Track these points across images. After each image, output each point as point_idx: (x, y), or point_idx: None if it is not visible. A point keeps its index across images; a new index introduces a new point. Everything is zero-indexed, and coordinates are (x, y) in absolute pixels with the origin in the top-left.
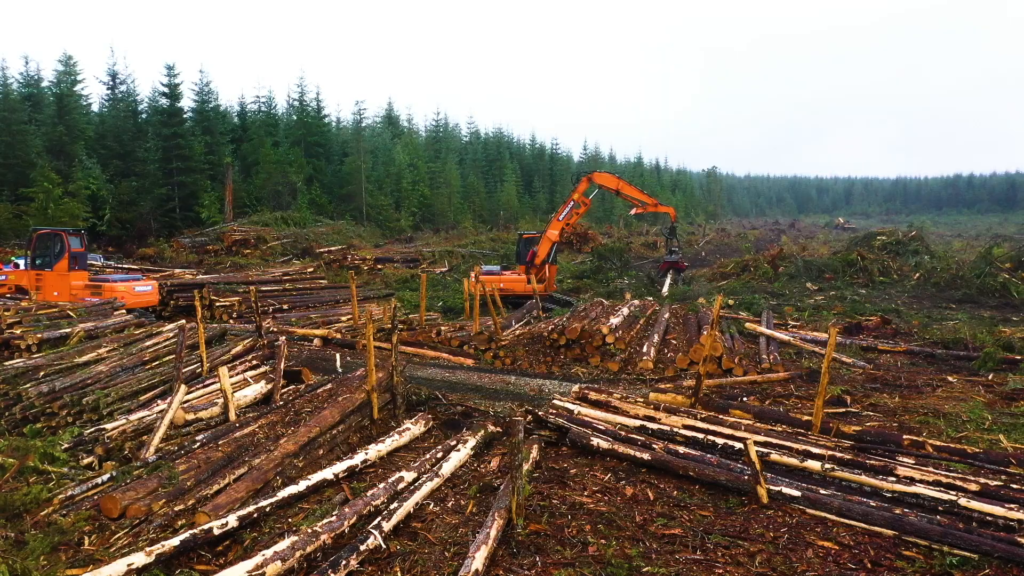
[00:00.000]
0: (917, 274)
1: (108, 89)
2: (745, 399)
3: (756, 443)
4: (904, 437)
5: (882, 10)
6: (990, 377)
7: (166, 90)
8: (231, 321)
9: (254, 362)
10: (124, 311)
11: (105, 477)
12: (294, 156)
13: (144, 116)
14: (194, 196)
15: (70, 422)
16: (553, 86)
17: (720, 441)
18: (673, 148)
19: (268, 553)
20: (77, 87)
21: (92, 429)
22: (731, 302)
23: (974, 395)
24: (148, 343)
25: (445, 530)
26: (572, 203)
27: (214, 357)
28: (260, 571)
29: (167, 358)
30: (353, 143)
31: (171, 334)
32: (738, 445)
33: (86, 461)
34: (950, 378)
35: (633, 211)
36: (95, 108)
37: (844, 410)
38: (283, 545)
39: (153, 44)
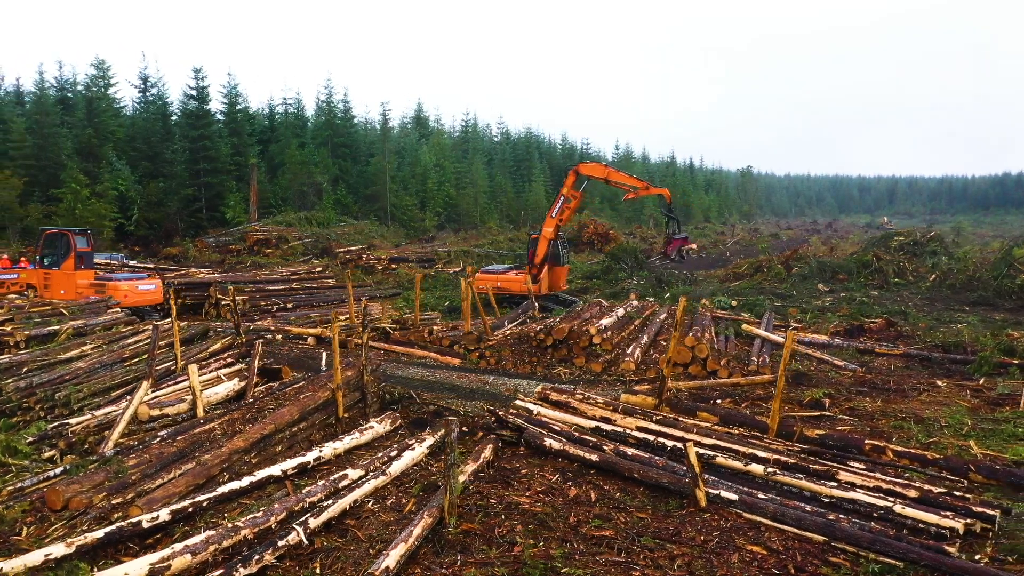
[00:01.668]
0: (933, 275)
1: (139, 92)
2: (718, 401)
3: (706, 446)
4: (866, 442)
5: None
6: (981, 382)
7: (194, 92)
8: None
9: (229, 360)
10: (117, 309)
11: (58, 470)
12: (320, 157)
13: (175, 118)
14: (220, 197)
15: (42, 416)
16: (577, 86)
17: (670, 443)
18: (709, 147)
19: (177, 547)
20: (110, 90)
21: (56, 423)
22: (734, 303)
23: (959, 400)
24: (130, 340)
25: (377, 528)
26: (562, 198)
27: (191, 355)
28: (166, 564)
29: (146, 355)
30: (379, 144)
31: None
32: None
33: (48, 455)
34: (939, 382)
35: (625, 197)
36: (128, 111)
37: (819, 413)
38: (196, 539)
39: (185, 48)
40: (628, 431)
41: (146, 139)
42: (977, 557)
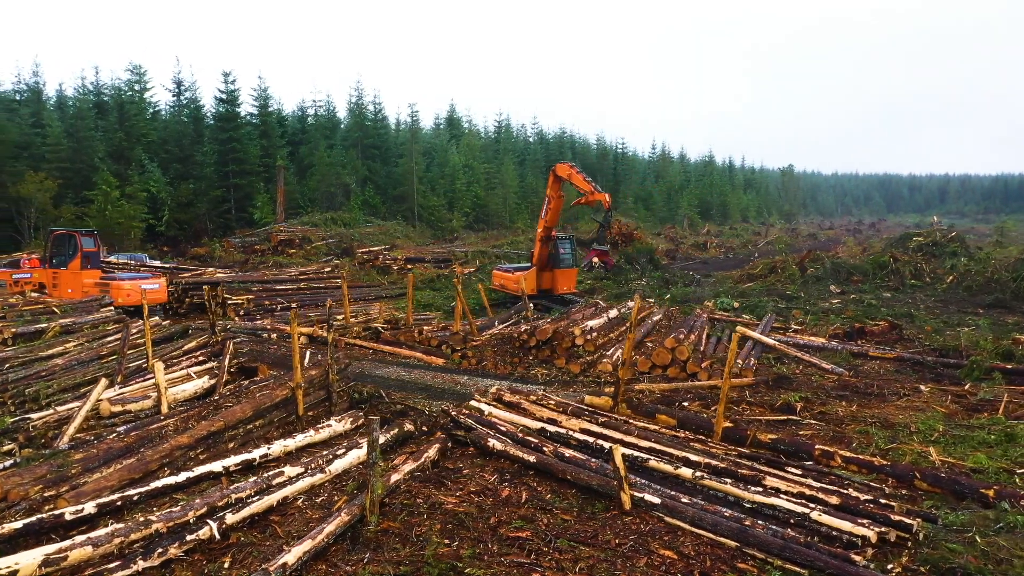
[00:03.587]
0: (950, 277)
1: (173, 96)
2: (685, 404)
3: (643, 449)
4: (816, 447)
5: None
6: (967, 387)
7: (223, 96)
8: (236, 318)
9: (201, 358)
10: (111, 307)
11: (8, 463)
12: (349, 159)
13: (210, 122)
14: (249, 198)
15: (12, 411)
16: (616, 85)
17: (608, 445)
18: (752, 145)
19: (79, 538)
20: (146, 94)
21: (17, 418)
22: (736, 304)
23: (937, 405)
24: (111, 338)
25: (299, 525)
26: (547, 199)
27: (165, 353)
28: (62, 555)
29: (127, 352)
30: (408, 145)
31: (135, 330)
32: (623, 450)
33: (7, 448)
34: (922, 387)
35: (574, 202)
36: (164, 115)
37: (786, 417)
38: (101, 532)
39: (220, 53)
40: (571, 432)
41: (178, 142)
42: (889, 567)
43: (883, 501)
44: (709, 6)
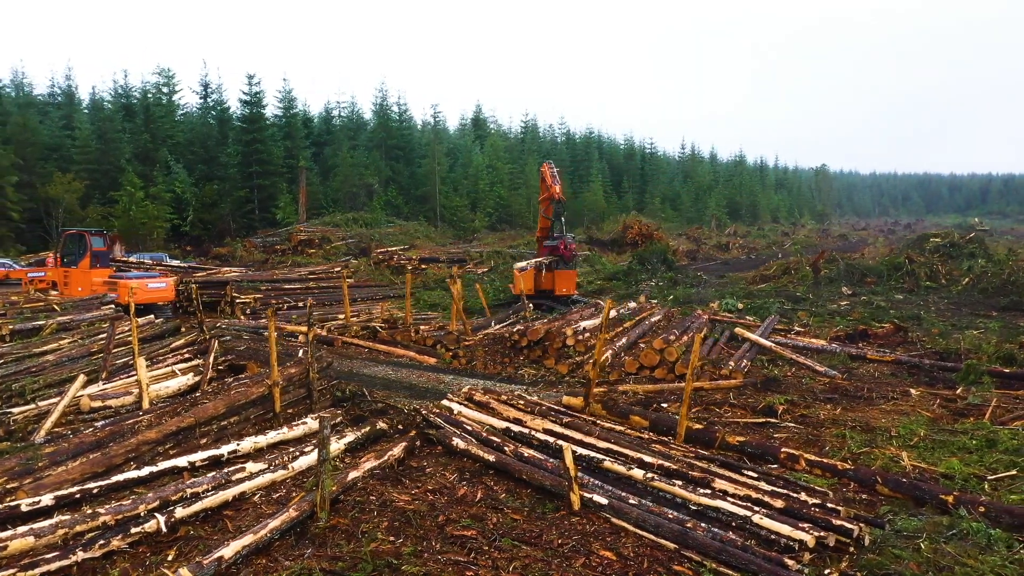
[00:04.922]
0: (966, 279)
1: (201, 98)
2: (664, 405)
3: (600, 449)
4: (782, 450)
5: None
6: (959, 391)
7: (247, 98)
8: (242, 317)
9: (187, 355)
10: (111, 306)
11: None
12: (372, 159)
13: (236, 123)
14: (272, 198)
15: None
16: (646, 82)
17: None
18: (787, 144)
19: (21, 529)
20: (175, 96)
21: None
22: (740, 306)
23: (924, 409)
24: (103, 336)
25: (252, 520)
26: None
27: (153, 350)
28: (2, 545)
29: (116, 349)
30: (431, 146)
31: (126, 327)
32: (580, 451)
33: None
34: (912, 391)
35: (541, 197)
36: (193, 117)
37: (764, 420)
38: (45, 523)
39: (249, 56)
40: (534, 432)
41: (203, 143)
42: (827, 572)
43: (830, 505)
44: (709, 6)
